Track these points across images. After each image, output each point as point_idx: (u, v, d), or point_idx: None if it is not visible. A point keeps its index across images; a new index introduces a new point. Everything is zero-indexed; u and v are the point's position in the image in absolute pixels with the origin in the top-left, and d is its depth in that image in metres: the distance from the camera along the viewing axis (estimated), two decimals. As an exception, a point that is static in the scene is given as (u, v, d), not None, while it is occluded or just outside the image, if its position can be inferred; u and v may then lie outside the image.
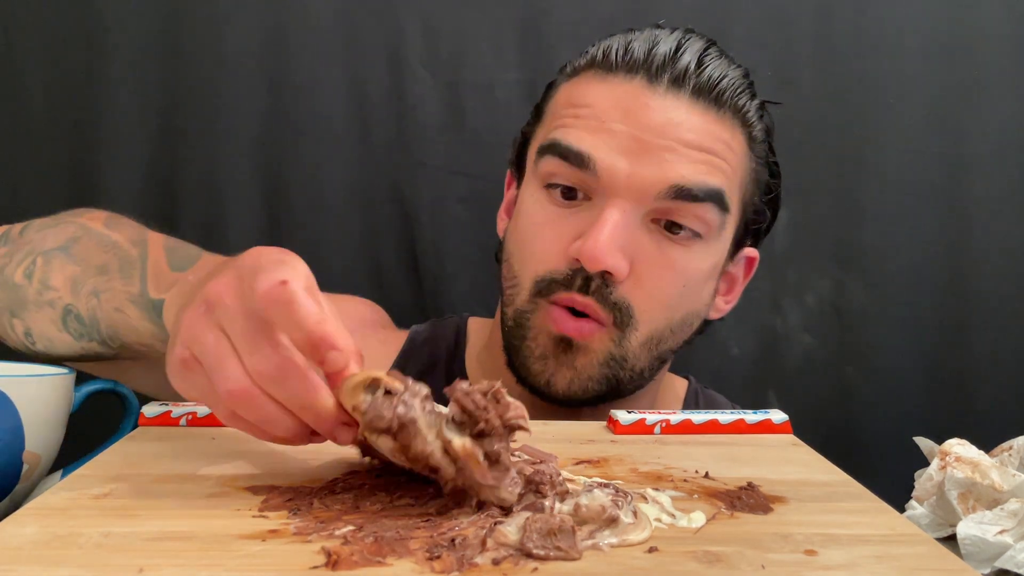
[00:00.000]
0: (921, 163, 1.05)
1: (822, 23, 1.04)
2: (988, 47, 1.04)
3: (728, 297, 0.78)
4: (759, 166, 0.73)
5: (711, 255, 0.70)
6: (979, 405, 1.05)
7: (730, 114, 0.69)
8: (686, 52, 0.68)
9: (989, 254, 1.05)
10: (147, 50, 1.01)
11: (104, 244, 0.60)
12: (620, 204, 0.66)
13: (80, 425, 0.66)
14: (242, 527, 0.40)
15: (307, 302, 0.40)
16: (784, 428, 0.61)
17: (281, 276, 0.40)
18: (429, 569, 0.35)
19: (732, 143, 0.69)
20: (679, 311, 0.70)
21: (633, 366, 0.70)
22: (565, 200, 0.69)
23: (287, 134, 1.02)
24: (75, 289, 0.58)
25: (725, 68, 0.69)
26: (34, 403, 0.59)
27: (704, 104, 0.67)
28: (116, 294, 0.57)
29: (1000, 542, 0.48)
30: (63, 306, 0.59)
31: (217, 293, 0.42)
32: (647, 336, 0.69)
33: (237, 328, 0.41)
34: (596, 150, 0.66)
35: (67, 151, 1.02)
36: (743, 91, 0.70)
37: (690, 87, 0.67)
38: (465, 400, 0.41)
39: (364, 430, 0.40)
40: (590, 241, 0.65)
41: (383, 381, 0.40)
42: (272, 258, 0.42)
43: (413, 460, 0.41)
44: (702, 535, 0.41)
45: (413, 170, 1.03)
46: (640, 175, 0.65)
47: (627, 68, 0.68)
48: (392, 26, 1.03)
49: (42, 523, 0.40)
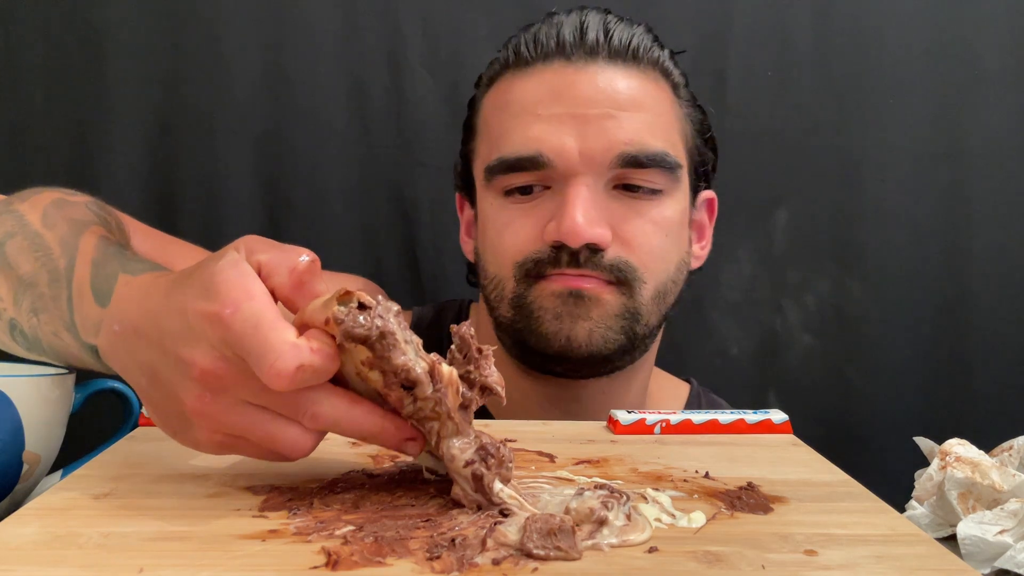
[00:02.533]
0: (921, 163, 1.05)
1: (822, 23, 1.04)
2: (988, 47, 1.04)
3: (702, 243, 0.81)
4: (691, 109, 0.75)
5: (676, 203, 0.73)
6: (979, 405, 1.05)
7: (650, 67, 0.72)
8: (589, 26, 0.71)
9: (989, 254, 1.05)
10: (147, 50, 1.01)
11: (35, 247, 0.54)
12: (581, 180, 0.68)
13: (80, 425, 0.66)
14: (242, 527, 0.40)
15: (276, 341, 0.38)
16: (784, 428, 0.61)
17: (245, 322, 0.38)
18: (429, 569, 0.35)
19: (659, 94, 0.72)
20: (671, 261, 0.73)
21: (647, 321, 0.72)
22: (524, 196, 0.71)
23: (287, 134, 1.02)
24: (16, 302, 0.54)
25: (630, 28, 0.72)
26: (34, 403, 0.59)
27: (623, 65, 0.70)
28: (52, 317, 0.52)
29: (1000, 542, 0.48)
30: (8, 319, 0.54)
31: (210, 377, 0.40)
32: (655, 289, 0.71)
33: (264, 399, 0.40)
34: (541, 144, 0.68)
35: (67, 151, 1.02)
36: (652, 44, 0.73)
37: (605, 53, 0.70)
38: (468, 342, 0.43)
39: (342, 339, 0.39)
40: (567, 220, 0.67)
41: (356, 295, 0.39)
42: (213, 292, 0.40)
43: (388, 372, 0.39)
44: (702, 535, 0.41)
45: (413, 170, 1.03)
46: (590, 148, 0.68)
47: (542, 57, 0.71)
48: (392, 26, 1.03)
49: (42, 523, 0.40)
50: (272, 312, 0.39)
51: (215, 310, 0.39)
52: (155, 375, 0.42)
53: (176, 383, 0.41)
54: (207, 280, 0.41)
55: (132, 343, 0.44)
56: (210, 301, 0.39)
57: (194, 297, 0.40)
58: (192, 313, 0.40)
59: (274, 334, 0.38)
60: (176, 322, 0.41)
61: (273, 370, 0.38)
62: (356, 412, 0.41)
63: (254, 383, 0.39)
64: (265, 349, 0.38)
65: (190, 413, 0.41)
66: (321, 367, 0.39)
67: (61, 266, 0.52)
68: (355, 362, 0.40)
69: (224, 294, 0.39)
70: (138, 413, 0.59)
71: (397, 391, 0.40)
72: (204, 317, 0.39)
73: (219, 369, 0.40)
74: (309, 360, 0.38)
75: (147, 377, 0.43)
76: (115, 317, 0.46)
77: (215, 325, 0.39)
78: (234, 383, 0.40)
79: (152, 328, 0.42)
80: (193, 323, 0.40)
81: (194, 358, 0.40)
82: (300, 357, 0.38)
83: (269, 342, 0.38)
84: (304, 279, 0.42)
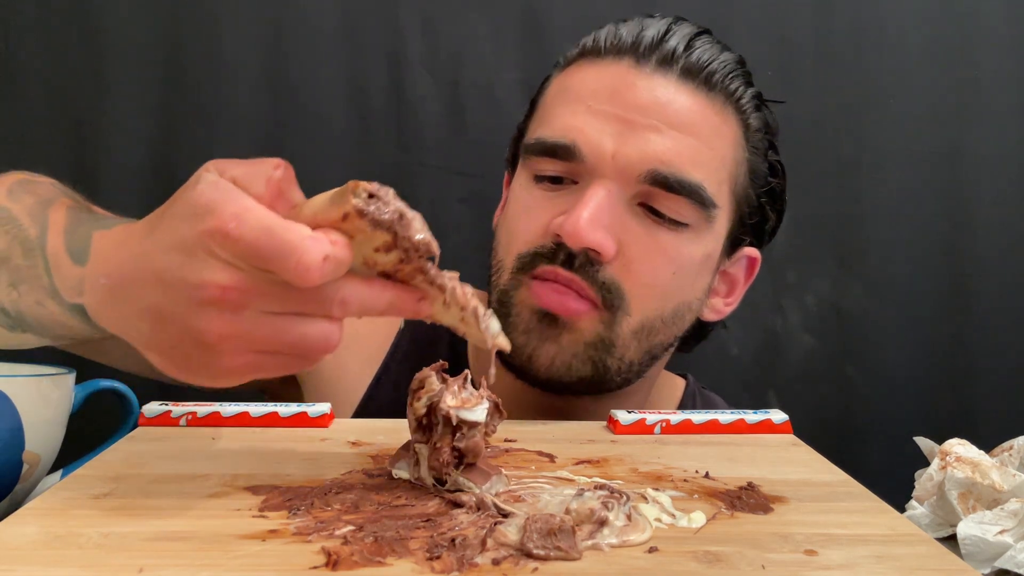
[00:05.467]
0: (921, 163, 1.05)
1: (822, 23, 1.04)
2: (988, 47, 1.04)
3: (729, 299, 0.76)
4: (755, 157, 0.71)
5: (702, 244, 0.68)
6: (979, 405, 1.05)
7: (721, 97, 0.68)
8: (674, 35, 0.67)
9: (989, 254, 1.05)
10: (147, 50, 1.01)
11: (3, 221, 0.53)
12: (604, 184, 0.64)
13: (80, 425, 0.66)
14: (242, 527, 0.40)
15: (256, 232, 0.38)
16: (784, 428, 0.61)
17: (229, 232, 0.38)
18: (429, 569, 0.35)
19: (722, 128, 0.68)
20: (671, 300, 0.68)
21: (623, 355, 0.67)
22: (552, 185, 0.68)
23: (287, 134, 1.02)
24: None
25: (716, 52, 0.68)
26: (34, 403, 0.59)
27: (693, 85, 0.67)
28: (32, 287, 0.51)
29: (1000, 542, 0.48)
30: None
31: (230, 294, 0.40)
32: (639, 324, 0.66)
33: (287, 302, 0.40)
34: (579, 135, 0.66)
35: (67, 151, 1.02)
36: (735, 76, 0.69)
37: (678, 67, 0.66)
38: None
39: (369, 228, 0.40)
40: (572, 217, 0.63)
41: (362, 185, 0.40)
42: (196, 214, 0.40)
43: (410, 249, 0.41)
44: (702, 535, 0.41)
45: (413, 170, 1.03)
46: (624, 154, 0.64)
47: (615, 52, 0.68)
48: (392, 26, 1.03)
49: (42, 523, 0.40)
50: (275, 215, 0.39)
51: (217, 226, 0.39)
52: (160, 316, 0.41)
53: (190, 315, 0.40)
54: (193, 204, 0.40)
55: (125, 292, 0.43)
56: (208, 220, 0.39)
57: (187, 223, 0.40)
58: (192, 239, 0.39)
59: (290, 233, 0.38)
60: (174, 256, 0.40)
61: (301, 265, 0.38)
62: (374, 289, 0.42)
63: (275, 289, 0.39)
64: (287, 248, 0.38)
65: (214, 340, 0.40)
66: (343, 256, 0.40)
67: (33, 235, 0.51)
68: (367, 248, 0.41)
69: (220, 210, 0.39)
70: (138, 413, 0.59)
71: (415, 263, 0.41)
72: (207, 237, 0.39)
73: (237, 283, 0.39)
74: (331, 250, 0.39)
75: (150, 321, 0.42)
76: (98, 272, 0.45)
77: (223, 241, 0.39)
78: (254, 294, 0.40)
79: (146, 270, 0.41)
80: (195, 248, 0.39)
81: (207, 280, 0.39)
82: (323, 248, 0.38)
83: (288, 241, 0.38)
84: (282, 187, 0.42)
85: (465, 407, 0.45)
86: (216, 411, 0.58)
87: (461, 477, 0.45)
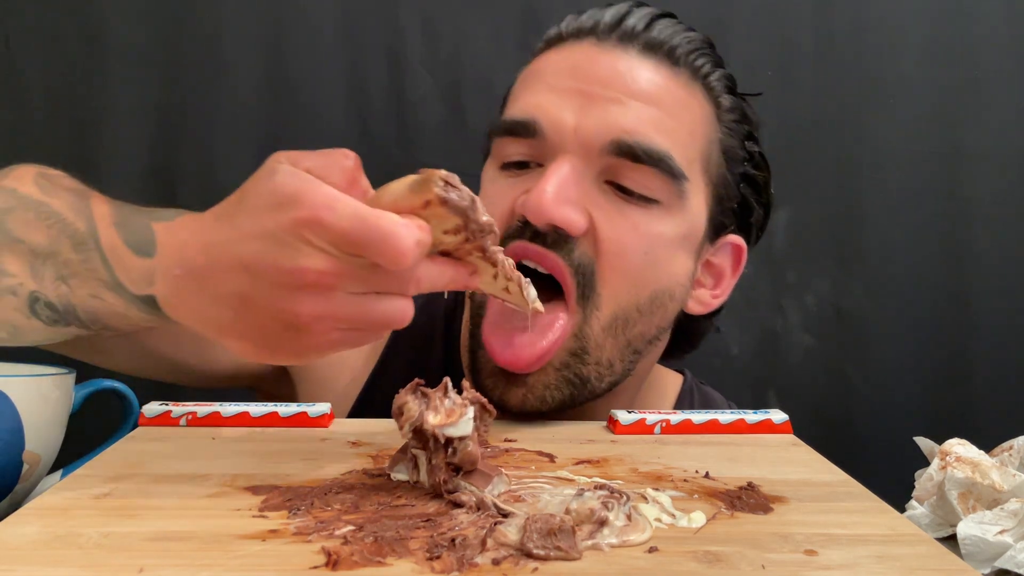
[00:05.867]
0: (921, 163, 1.05)
1: (822, 23, 1.04)
2: (988, 47, 1.04)
3: (716, 291, 0.72)
4: (729, 139, 0.69)
5: (674, 222, 0.65)
6: (979, 405, 1.05)
7: (686, 72, 0.66)
8: (634, 15, 0.67)
9: (989, 254, 1.05)
10: (147, 50, 1.01)
11: (43, 216, 0.54)
12: (568, 159, 0.62)
13: (80, 425, 0.66)
14: (242, 527, 0.40)
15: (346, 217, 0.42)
16: (784, 428, 0.61)
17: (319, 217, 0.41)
18: (429, 569, 0.35)
19: (689, 102, 0.66)
20: (646, 286, 0.64)
21: (599, 359, 0.64)
22: (518, 170, 0.66)
23: (287, 134, 1.02)
24: (36, 274, 0.53)
25: (680, 30, 0.68)
26: (34, 403, 0.59)
27: (656, 59, 0.66)
28: (85, 280, 0.52)
29: (1000, 542, 0.48)
30: (27, 293, 0.53)
31: (326, 278, 0.43)
32: (611, 316, 0.63)
33: (373, 283, 0.44)
34: (539, 111, 0.64)
35: (67, 151, 1.02)
36: (701, 53, 0.68)
37: (639, 43, 0.66)
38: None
39: (451, 214, 0.44)
40: (535, 193, 0.61)
41: (438, 174, 0.44)
42: (278, 202, 0.43)
43: (476, 231, 0.45)
44: (702, 535, 0.41)
45: (413, 170, 1.03)
46: (585, 127, 0.62)
47: (576, 36, 0.68)
48: (392, 26, 1.03)
49: (42, 523, 0.40)
50: (363, 203, 0.43)
51: (310, 215, 0.42)
52: (247, 302, 0.44)
53: (282, 299, 0.43)
54: (276, 193, 0.43)
55: (204, 280, 0.45)
56: (298, 209, 0.42)
57: (273, 212, 0.43)
58: (282, 227, 0.42)
59: (382, 220, 0.42)
60: (261, 243, 0.43)
61: (397, 251, 0.41)
62: (440, 267, 0.46)
63: (362, 271, 0.43)
64: (382, 235, 0.41)
65: (306, 322, 0.43)
66: (428, 240, 0.43)
67: (82, 229, 0.52)
68: (437, 230, 0.45)
69: (309, 199, 0.42)
70: (138, 413, 0.59)
71: (478, 242, 0.46)
72: (301, 225, 0.42)
73: (330, 268, 0.42)
74: (420, 236, 0.43)
75: (234, 307, 0.44)
76: (172, 262, 0.48)
77: (317, 229, 0.42)
78: (345, 277, 0.43)
79: (229, 258, 0.44)
80: (286, 236, 0.42)
81: (302, 266, 0.42)
82: (414, 234, 0.42)
83: (382, 228, 0.41)
84: (355, 176, 0.46)
85: (450, 422, 0.44)
86: (216, 411, 0.58)
87: (463, 482, 0.45)
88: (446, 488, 0.44)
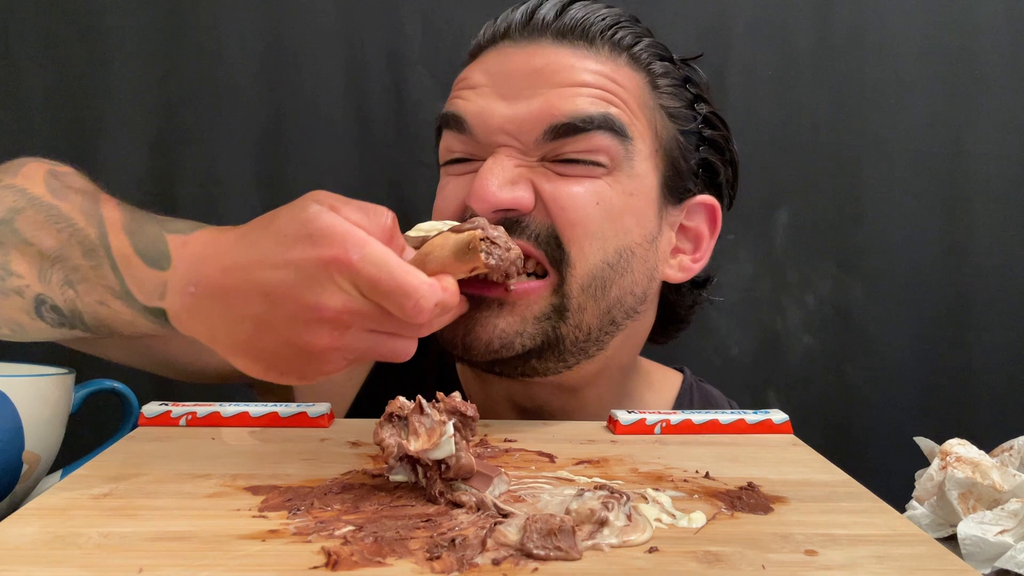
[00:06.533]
0: (921, 163, 1.05)
1: (822, 23, 1.04)
2: (988, 47, 1.04)
3: (696, 255, 0.72)
4: (671, 101, 0.69)
5: (621, 183, 0.64)
6: (979, 405, 1.05)
7: (607, 48, 0.66)
8: (542, 7, 0.67)
9: (989, 254, 1.05)
10: (147, 50, 1.01)
11: (54, 219, 0.54)
12: (504, 151, 0.63)
13: (80, 425, 0.66)
14: (242, 527, 0.40)
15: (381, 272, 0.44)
16: (784, 428, 0.61)
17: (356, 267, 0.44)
18: (429, 569, 0.35)
19: (616, 75, 0.65)
20: (608, 240, 0.63)
21: (579, 322, 0.63)
22: (460, 165, 0.67)
23: (287, 134, 1.02)
24: (44, 277, 0.53)
25: (593, 10, 0.67)
26: (34, 403, 0.59)
27: (570, 44, 0.65)
28: (93, 286, 0.52)
29: (1000, 542, 0.48)
30: (34, 296, 0.53)
31: (344, 316, 0.45)
32: (587, 275, 0.62)
33: (388, 326, 0.46)
34: (465, 110, 0.65)
35: (67, 151, 1.01)
36: (619, 27, 0.67)
37: (551, 33, 0.66)
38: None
39: (497, 277, 0.50)
40: (477, 184, 0.61)
41: (480, 237, 0.48)
42: (309, 241, 0.45)
43: (512, 270, 0.52)
44: (702, 535, 0.41)
45: (413, 170, 1.03)
46: (515, 117, 0.63)
47: (492, 42, 0.68)
48: (392, 26, 1.03)
49: (42, 523, 0.40)
50: (395, 255, 0.44)
51: (340, 256, 0.43)
52: (265, 326, 0.45)
53: (299, 330, 0.45)
54: (307, 227, 0.44)
55: (222, 301, 0.46)
56: (328, 247, 0.44)
57: (302, 246, 0.44)
58: (310, 262, 0.44)
59: (409, 276, 0.44)
60: (285, 273, 0.44)
61: (417, 308, 0.44)
62: (448, 316, 0.50)
63: (379, 314, 0.45)
64: (405, 290, 0.44)
65: (318, 352, 0.46)
66: (451, 303, 0.46)
67: (92, 235, 0.52)
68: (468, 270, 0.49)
69: (341, 240, 0.44)
70: (138, 413, 0.59)
71: (502, 274, 0.52)
72: (329, 263, 0.44)
73: (351, 308, 0.44)
74: (442, 297, 0.45)
75: (249, 330, 0.46)
76: (187, 279, 0.48)
77: (343, 270, 0.43)
78: (363, 318, 0.45)
79: (250, 283, 0.45)
80: (313, 272, 0.44)
81: (323, 304, 0.44)
82: (436, 295, 0.44)
83: (408, 283, 0.44)
84: (393, 234, 0.47)
85: (432, 444, 0.44)
86: (216, 411, 0.58)
87: (464, 485, 0.45)
88: (444, 498, 0.44)
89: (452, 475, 0.44)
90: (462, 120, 0.65)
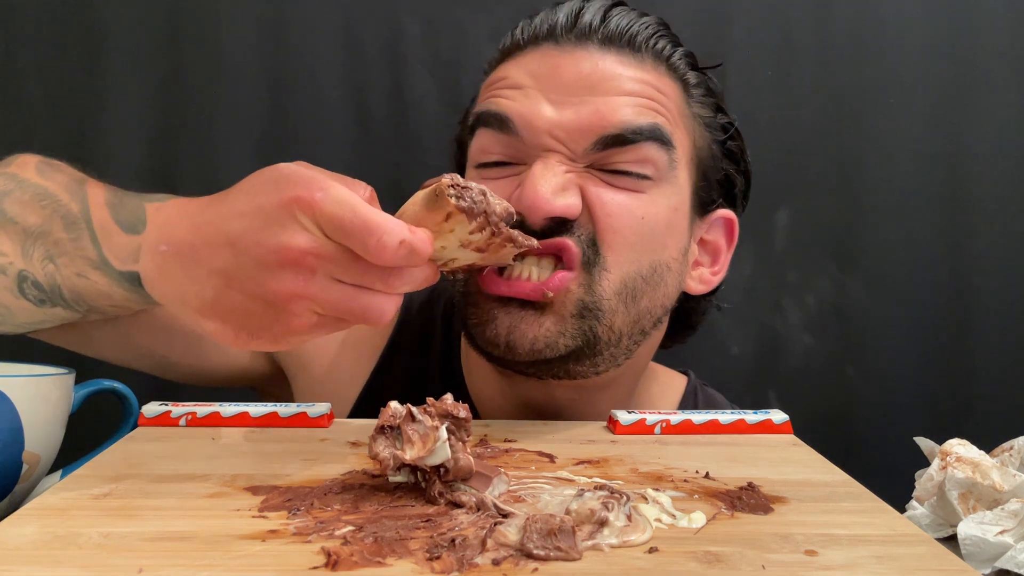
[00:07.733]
0: (921, 163, 1.05)
1: (822, 23, 1.04)
2: (988, 47, 1.04)
3: (714, 268, 0.72)
4: (704, 111, 0.69)
5: (666, 196, 0.65)
6: (979, 405, 1.05)
7: (650, 57, 0.66)
8: (588, 11, 0.66)
9: (989, 254, 1.05)
10: (147, 50, 1.01)
11: (39, 196, 0.55)
12: (552, 156, 0.62)
13: (80, 425, 0.66)
14: (242, 527, 0.40)
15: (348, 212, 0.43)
16: (784, 428, 0.61)
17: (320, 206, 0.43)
18: (429, 569, 0.35)
19: (659, 84, 0.65)
20: (645, 253, 0.64)
21: (612, 324, 0.63)
22: (498, 169, 0.66)
23: (287, 134, 1.02)
24: (26, 253, 0.54)
25: (635, 17, 0.67)
26: (34, 403, 0.59)
27: (617, 50, 0.65)
28: (73, 259, 0.53)
29: (1001, 542, 0.48)
30: (16, 272, 0.54)
31: (307, 257, 0.43)
32: (620, 281, 0.62)
33: (356, 275, 0.45)
34: (511, 110, 0.64)
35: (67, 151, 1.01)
36: (659, 36, 0.67)
37: (597, 38, 0.65)
38: None
39: (466, 218, 0.46)
40: (527, 190, 0.60)
41: (445, 183, 0.45)
42: (275, 187, 0.44)
43: (495, 223, 0.47)
44: (702, 535, 0.41)
45: (413, 170, 1.03)
46: (563, 123, 0.62)
47: (533, 41, 0.67)
48: (392, 26, 1.03)
49: (42, 523, 0.40)
50: (358, 196, 0.43)
51: (303, 195, 0.43)
52: (230, 278, 0.44)
53: (264, 276, 0.44)
54: (275, 177, 0.44)
55: (189, 257, 0.46)
56: (292, 188, 0.43)
57: (268, 192, 0.44)
58: (273, 205, 0.43)
59: (373, 214, 0.43)
60: (250, 220, 0.44)
61: (380, 244, 0.42)
62: (422, 275, 0.47)
63: (346, 260, 0.43)
64: (368, 226, 0.42)
65: (285, 299, 0.44)
66: (419, 248, 0.44)
67: (75, 210, 0.53)
68: (462, 233, 0.46)
69: (306, 182, 0.43)
70: (138, 413, 0.59)
71: (505, 234, 0.48)
72: (292, 204, 0.43)
73: (313, 248, 0.43)
74: (409, 237, 0.43)
75: (216, 284, 0.45)
76: (159, 239, 0.48)
77: (307, 208, 0.43)
78: (327, 261, 0.43)
79: (216, 234, 0.45)
80: (276, 213, 0.43)
81: (285, 243, 0.43)
82: (402, 232, 0.43)
83: (371, 219, 0.42)
84: (370, 199, 0.46)
85: (427, 451, 0.44)
86: (216, 411, 0.58)
87: (463, 485, 0.45)
88: (444, 499, 0.44)
89: (451, 477, 0.44)
90: (507, 120, 0.64)
